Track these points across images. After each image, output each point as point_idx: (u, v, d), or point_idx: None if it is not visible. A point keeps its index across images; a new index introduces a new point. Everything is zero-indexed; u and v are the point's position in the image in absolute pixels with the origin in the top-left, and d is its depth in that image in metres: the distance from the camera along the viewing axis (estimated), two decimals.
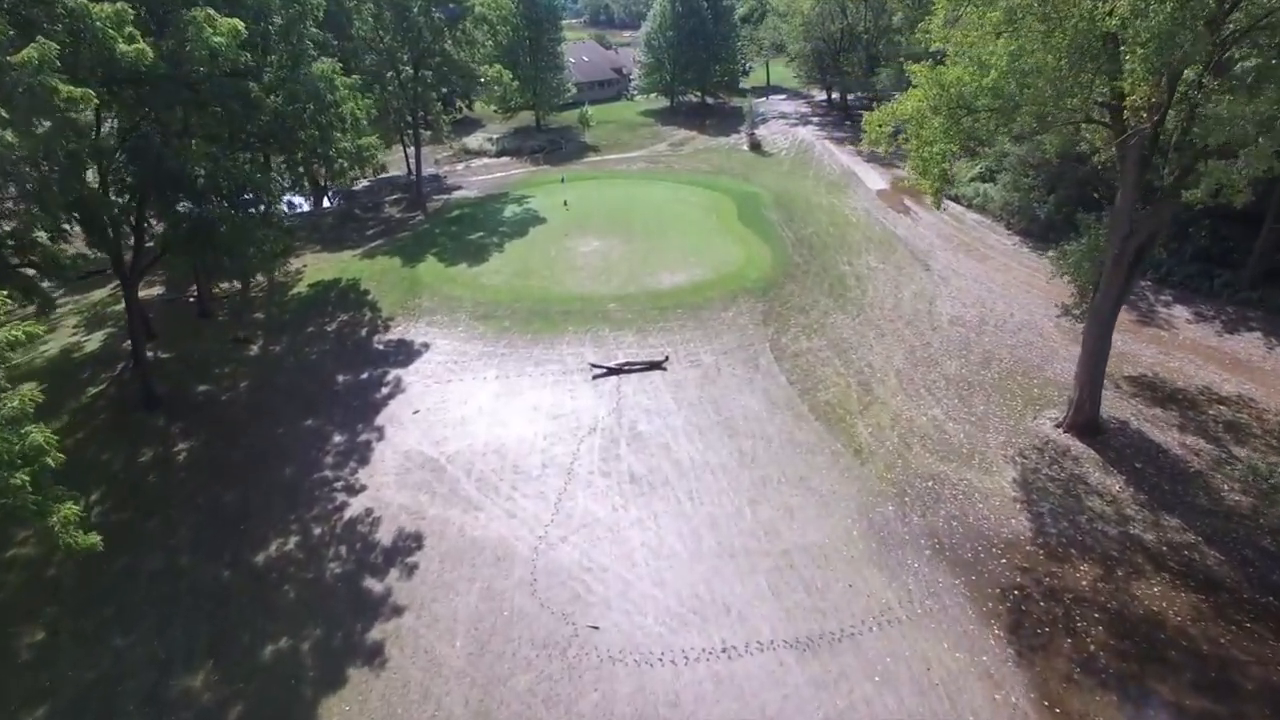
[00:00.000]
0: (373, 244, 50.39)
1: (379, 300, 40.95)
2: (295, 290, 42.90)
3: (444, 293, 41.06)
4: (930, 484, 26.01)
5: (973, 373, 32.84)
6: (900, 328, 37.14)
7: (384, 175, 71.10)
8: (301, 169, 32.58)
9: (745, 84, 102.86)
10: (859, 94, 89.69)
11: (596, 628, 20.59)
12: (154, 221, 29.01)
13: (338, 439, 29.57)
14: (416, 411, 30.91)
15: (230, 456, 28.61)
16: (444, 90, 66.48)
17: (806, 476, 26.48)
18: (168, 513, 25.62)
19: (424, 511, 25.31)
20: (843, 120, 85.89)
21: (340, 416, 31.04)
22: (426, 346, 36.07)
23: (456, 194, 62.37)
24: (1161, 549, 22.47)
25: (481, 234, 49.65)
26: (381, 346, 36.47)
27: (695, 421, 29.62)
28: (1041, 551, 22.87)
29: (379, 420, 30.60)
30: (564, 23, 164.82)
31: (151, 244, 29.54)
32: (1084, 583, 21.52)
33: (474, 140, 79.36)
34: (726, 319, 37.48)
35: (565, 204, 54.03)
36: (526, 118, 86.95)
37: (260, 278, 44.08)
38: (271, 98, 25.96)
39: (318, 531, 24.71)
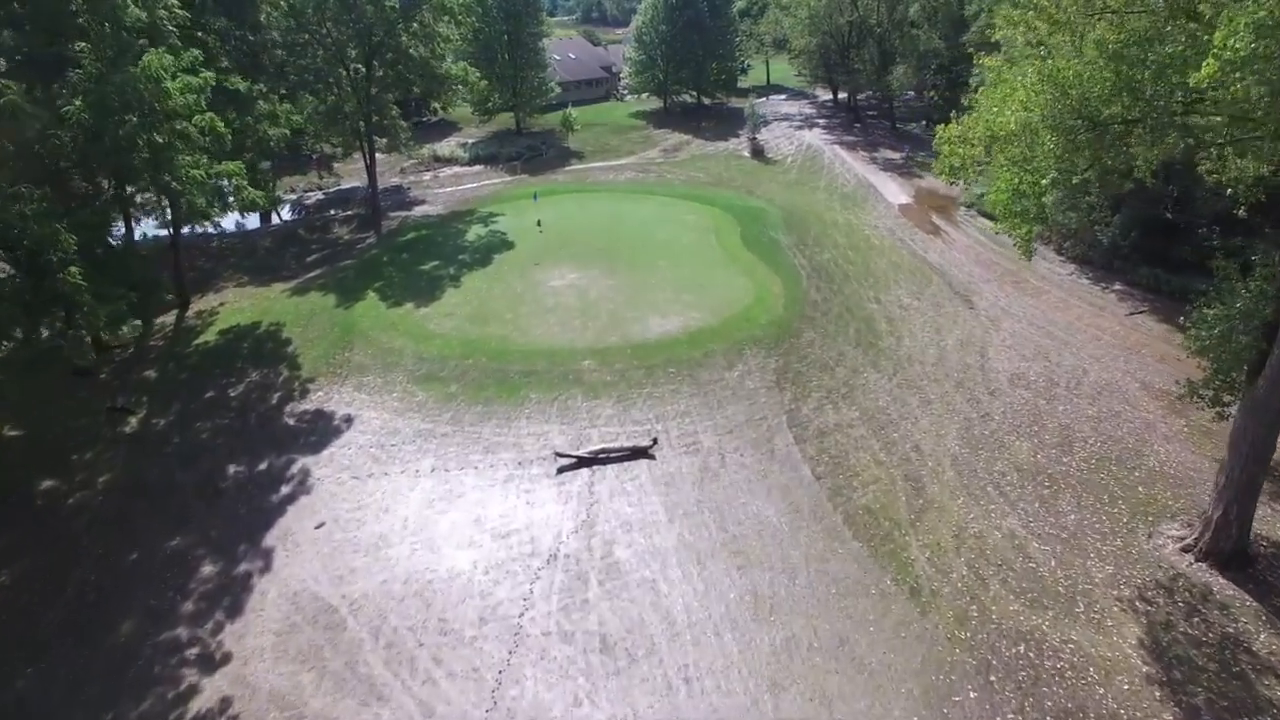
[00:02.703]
0: (309, 274, 42.57)
1: (301, 353, 33.14)
2: (202, 338, 35.06)
3: (381, 343, 33.29)
4: (1022, 649, 18.43)
5: (1051, 459, 25.28)
6: (949, 391, 29.56)
7: (342, 187, 63.64)
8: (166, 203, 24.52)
9: (743, 83, 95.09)
10: (869, 94, 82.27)
11: None
12: None
13: (208, 569, 21.82)
14: (321, 525, 23.18)
15: (51, 603, 20.85)
16: (412, 91, 58.76)
17: (848, 638, 18.85)
18: None
19: (303, 705, 17.59)
20: (852, 123, 78.42)
21: (219, 532, 23.29)
22: (349, 421, 28.33)
23: (418, 210, 54.59)
24: None
25: (437, 263, 41.85)
26: (293, 420, 28.70)
27: (692, 542, 21.97)
28: None
29: (269, 538, 22.86)
30: (552, 19, 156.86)
31: None
32: None
33: (445, 147, 71.57)
34: (731, 381, 29.82)
35: (539, 225, 46.29)
36: (507, 120, 79.07)
37: (166, 319, 36.45)
38: (72, 105, 18.13)
39: None
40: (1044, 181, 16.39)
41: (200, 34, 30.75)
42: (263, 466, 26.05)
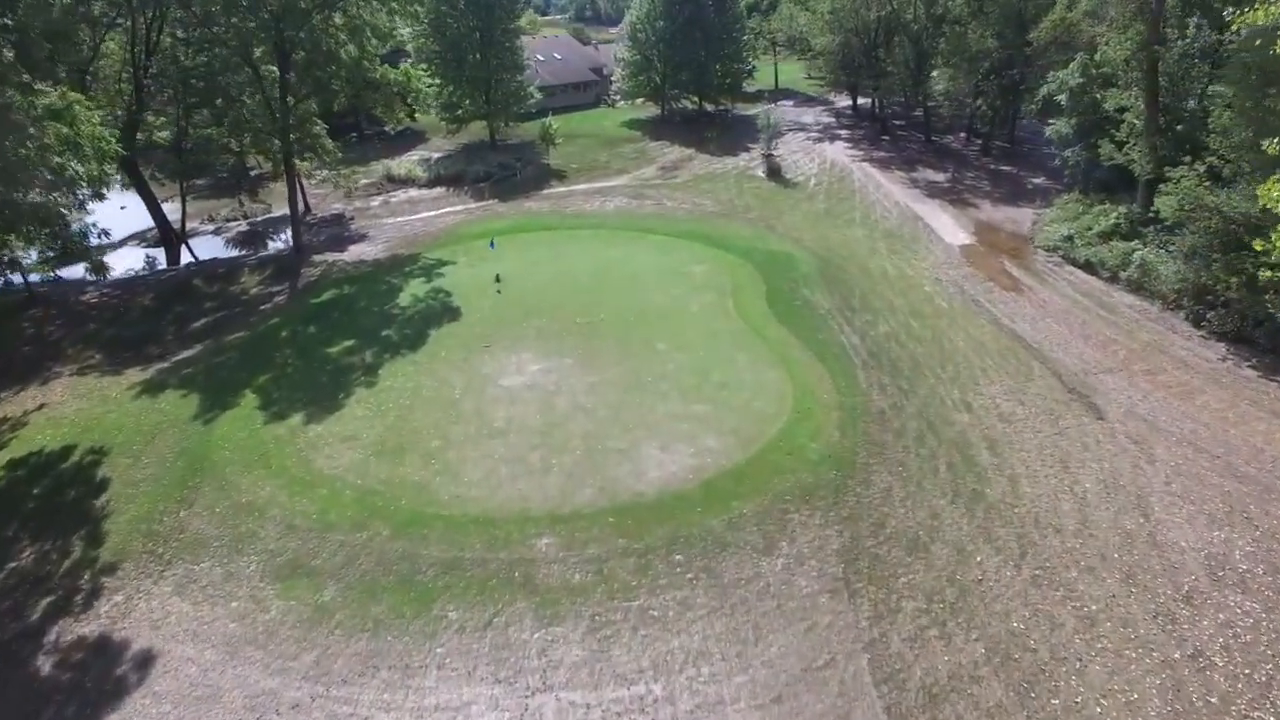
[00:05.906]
0: (181, 354, 31.26)
1: (115, 511, 21.89)
2: None
3: (239, 494, 22.05)
4: None
5: None
6: (1116, 593, 18.55)
7: (273, 215, 52.47)
8: None
9: (748, 87, 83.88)
10: (893, 101, 71.37)
11: None
12: None
13: None
14: None
15: None
16: (341, 99, 47.55)
17: None
18: None
19: None
20: (879, 135, 67.49)
21: None
22: (143, 668, 17.08)
23: (351, 251, 43.26)
24: None
25: (351, 343, 30.58)
26: (49, 664, 17.45)
27: None
28: None
29: None
30: (543, 19, 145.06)
31: None
32: None
33: (402, 164, 60.26)
34: (773, 580, 18.71)
35: (497, 282, 35.10)
36: (481, 130, 67.77)
37: None
38: None
39: None
40: None
41: None
42: None
